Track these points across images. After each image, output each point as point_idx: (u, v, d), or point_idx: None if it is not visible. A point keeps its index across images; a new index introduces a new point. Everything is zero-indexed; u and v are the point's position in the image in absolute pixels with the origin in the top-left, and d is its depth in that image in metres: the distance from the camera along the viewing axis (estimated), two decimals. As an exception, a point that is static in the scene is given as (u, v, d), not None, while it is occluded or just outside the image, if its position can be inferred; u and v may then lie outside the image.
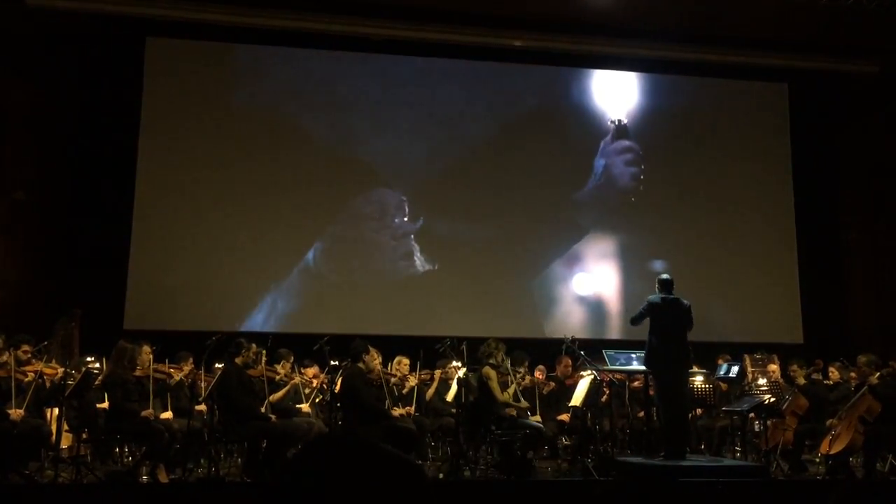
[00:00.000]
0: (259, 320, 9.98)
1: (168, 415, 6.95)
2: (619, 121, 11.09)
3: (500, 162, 10.81)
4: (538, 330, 10.41)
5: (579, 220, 10.94)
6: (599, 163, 11.04)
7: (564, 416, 8.26)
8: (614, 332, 10.61)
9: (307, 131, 10.49)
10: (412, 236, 10.52)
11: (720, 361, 8.70)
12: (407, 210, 10.56)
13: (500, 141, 10.83)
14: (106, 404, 6.84)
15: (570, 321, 10.47)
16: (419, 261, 10.46)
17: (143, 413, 6.62)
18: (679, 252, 10.76)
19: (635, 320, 7.35)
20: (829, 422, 7.50)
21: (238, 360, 6.98)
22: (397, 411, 7.62)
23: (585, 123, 11.12)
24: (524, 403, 7.66)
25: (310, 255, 10.29)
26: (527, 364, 8.42)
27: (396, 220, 10.54)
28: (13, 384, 6.36)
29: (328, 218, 10.41)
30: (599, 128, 11.12)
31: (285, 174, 10.35)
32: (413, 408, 8.03)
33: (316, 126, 10.52)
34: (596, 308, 10.80)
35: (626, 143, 11.10)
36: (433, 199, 10.60)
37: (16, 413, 6.26)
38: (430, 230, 10.54)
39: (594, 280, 10.81)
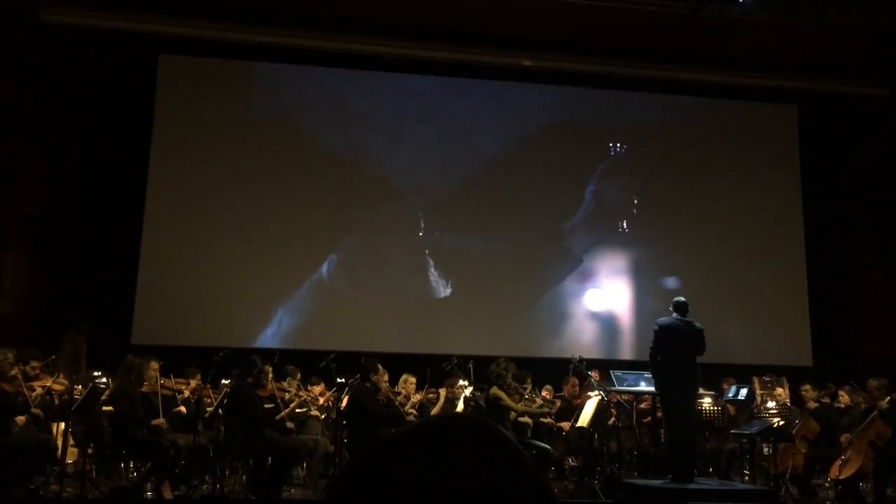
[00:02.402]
0: (266, 336, 9.98)
1: (160, 422, 6.88)
2: (621, 146, 11.08)
3: (511, 178, 10.81)
4: (546, 349, 10.36)
5: (589, 238, 10.91)
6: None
7: (564, 424, 8.20)
8: (625, 352, 10.56)
9: (319, 149, 10.53)
10: (426, 251, 10.51)
11: (726, 385, 8.62)
12: (422, 225, 10.56)
13: (512, 157, 10.84)
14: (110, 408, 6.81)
15: (580, 340, 10.42)
16: (433, 276, 10.44)
17: (154, 422, 6.64)
18: (688, 273, 10.72)
19: (653, 354, 7.07)
20: (843, 437, 7.42)
21: (249, 379, 6.96)
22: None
23: (596, 141, 11.12)
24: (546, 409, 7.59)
25: (324, 268, 10.29)
26: (530, 381, 8.34)
27: (412, 235, 10.54)
28: (30, 398, 6.36)
29: (341, 233, 10.42)
30: (610, 146, 11.11)
31: (297, 191, 10.38)
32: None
33: (328, 142, 10.56)
34: (605, 328, 10.75)
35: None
36: (445, 215, 10.61)
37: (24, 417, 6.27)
38: (441, 246, 10.54)
39: (604, 299, 10.77)
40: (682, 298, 7.26)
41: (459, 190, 10.72)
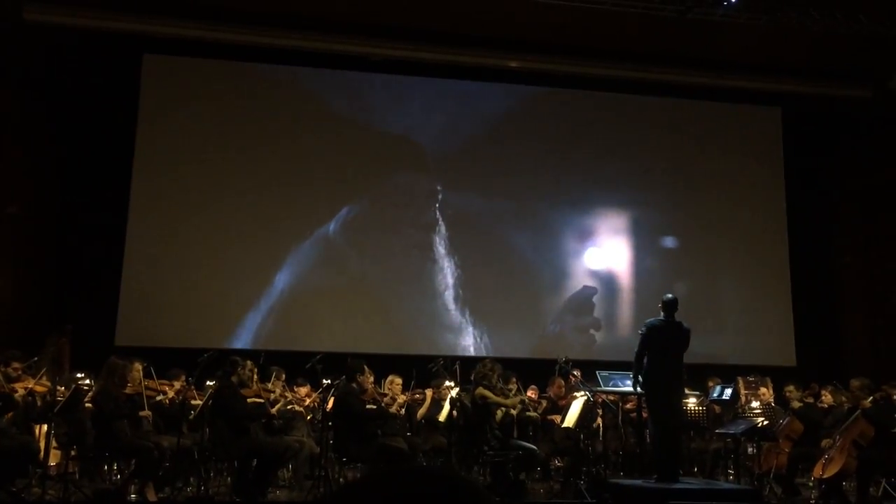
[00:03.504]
0: (252, 337, 9.93)
1: (147, 413, 6.87)
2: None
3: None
4: (534, 349, 10.37)
5: (573, 245, 10.96)
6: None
7: (555, 417, 8.24)
8: (612, 353, 10.55)
9: (303, 150, 10.50)
10: (415, 253, 10.46)
11: (711, 384, 8.66)
12: (411, 229, 10.54)
13: (505, 159, 10.86)
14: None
15: (567, 341, 10.43)
16: (421, 279, 10.40)
17: (141, 413, 6.64)
18: (673, 273, 10.77)
19: (639, 355, 7.06)
20: (824, 442, 7.48)
21: (233, 379, 6.93)
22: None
23: (584, 144, 11.14)
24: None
25: (311, 271, 10.24)
26: (515, 381, 8.34)
27: (399, 239, 10.52)
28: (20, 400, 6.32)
29: (326, 239, 10.38)
30: (599, 145, 11.14)
31: (282, 194, 10.33)
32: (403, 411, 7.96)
33: (313, 144, 10.53)
34: (591, 330, 10.77)
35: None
36: (436, 220, 10.62)
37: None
38: (431, 249, 10.53)
39: (591, 301, 10.80)
40: (671, 296, 7.23)
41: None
